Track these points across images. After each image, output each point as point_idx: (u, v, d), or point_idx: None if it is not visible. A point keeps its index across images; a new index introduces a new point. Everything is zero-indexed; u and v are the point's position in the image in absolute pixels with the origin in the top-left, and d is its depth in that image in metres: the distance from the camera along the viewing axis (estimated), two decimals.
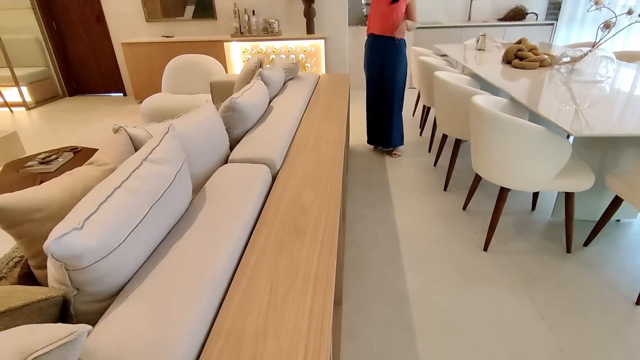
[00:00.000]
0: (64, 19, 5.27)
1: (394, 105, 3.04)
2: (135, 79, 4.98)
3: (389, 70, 2.92)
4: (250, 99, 1.74)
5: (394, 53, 2.87)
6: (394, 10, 2.75)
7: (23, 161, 2.80)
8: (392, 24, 2.78)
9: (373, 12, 2.87)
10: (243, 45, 4.86)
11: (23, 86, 5.01)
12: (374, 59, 2.96)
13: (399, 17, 2.77)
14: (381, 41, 2.88)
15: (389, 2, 2.74)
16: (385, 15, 2.78)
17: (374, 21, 2.87)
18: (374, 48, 2.94)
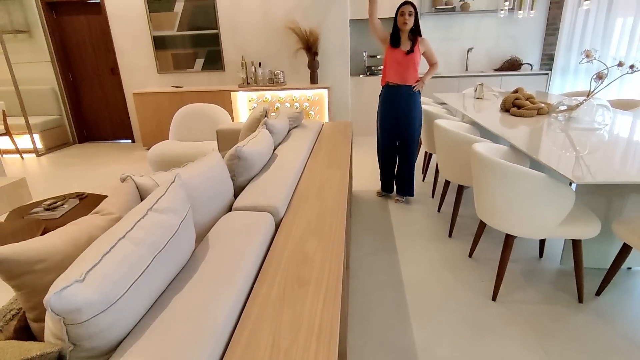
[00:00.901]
0: (80, 71, 5.55)
1: (412, 153, 3.04)
2: (145, 126, 5.15)
3: (406, 119, 2.94)
4: (255, 147, 1.79)
5: (411, 102, 2.90)
6: (410, 60, 2.79)
7: (29, 207, 2.82)
8: (407, 73, 2.82)
9: (388, 63, 2.89)
10: (249, 94, 5.06)
11: (35, 134, 5.17)
12: (390, 109, 2.97)
13: (415, 67, 2.83)
14: (397, 91, 2.90)
15: (404, 53, 2.79)
16: (401, 65, 2.82)
17: (390, 71, 2.89)
18: (389, 98, 2.95)
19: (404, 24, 2.72)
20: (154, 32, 5.15)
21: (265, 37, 5.01)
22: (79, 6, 5.22)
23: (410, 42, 2.80)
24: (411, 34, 2.79)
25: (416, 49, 2.79)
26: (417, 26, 2.77)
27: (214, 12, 4.98)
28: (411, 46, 2.78)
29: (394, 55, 2.83)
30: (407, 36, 2.80)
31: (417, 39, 2.79)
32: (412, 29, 2.77)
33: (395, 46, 2.81)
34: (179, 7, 5.02)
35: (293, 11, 4.86)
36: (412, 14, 2.71)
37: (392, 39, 2.84)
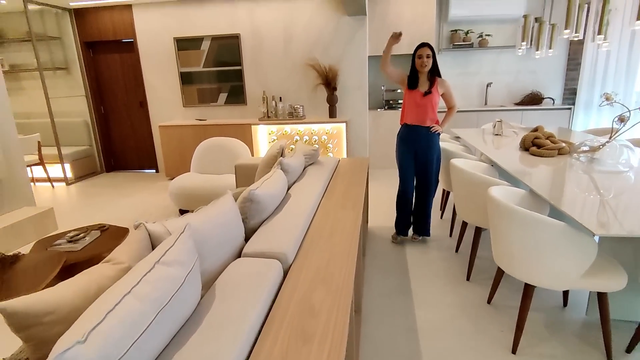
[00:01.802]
0: (111, 104, 5.86)
1: (429, 193, 2.99)
2: (168, 157, 5.32)
3: (425, 159, 2.90)
4: (268, 189, 1.81)
5: (430, 142, 2.87)
6: (428, 102, 2.78)
7: (53, 239, 2.92)
8: (426, 115, 2.80)
9: (407, 103, 2.88)
10: (269, 127, 5.18)
11: (66, 163, 5.43)
12: (408, 150, 2.92)
13: (434, 108, 2.81)
14: (416, 131, 2.87)
15: (422, 94, 2.78)
16: (419, 106, 2.81)
17: (408, 112, 2.88)
18: (408, 138, 2.91)
19: (422, 66, 2.73)
20: (182, 69, 5.41)
21: (286, 72, 5.18)
22: (114, 45, 5.58)
23: (428, 82, 2.79)
24: (430, 74, 2.79)
25: (434, 90, 2.78)
26: (435, 67, 2.78)
27: (238, 50, 5.21)
28: (429, 87, 2.78)
29: (412, 96, 2.83)
30: (425, 77, 2.80)
31: (435, 79, 2.79)
32: (431, 70, 2.77)
33: (413, 88, 2.81)
34: (206, 45, 5.28)
35: (313, 49, 5.03)
36: (429, 56, 2.71)
37: (410, 81, 2.83)
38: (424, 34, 4.94)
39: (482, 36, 5.16)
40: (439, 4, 5.19)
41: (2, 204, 3.48)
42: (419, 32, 4.95)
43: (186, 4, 5.14)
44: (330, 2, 4.84)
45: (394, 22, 4.96)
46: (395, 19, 4.95)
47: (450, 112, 2.94)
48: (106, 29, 5.43)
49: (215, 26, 5.16)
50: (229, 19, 5.11)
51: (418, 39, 4.95)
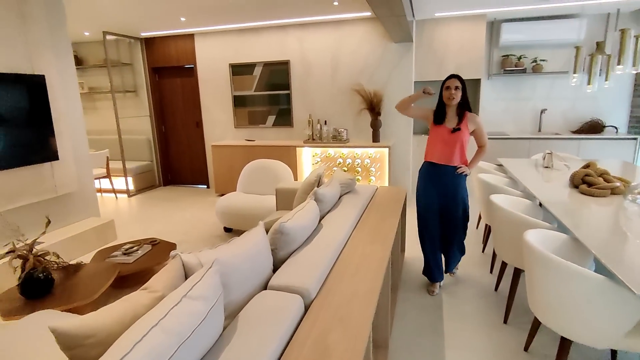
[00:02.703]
0: (171, 124, 6.36)
1: (455, 239, 2.73)
2: (218, 175, 5.64)
3: (450, 203, 2.64)
4: (299, 221, 1.89)
5: (456, 184, 2.61)
6: (457, 139, 2.53)
7: (111, 250, 3.22)
8: (453, 154, 2.57)
9: (432, 140, 2.64)
10: (314, 150, 5.32)
11: (129, 176, 5.95)
12: (431, 189, 2.68)
13: (463, 146, 2.57)
14: (440, 170, 2.62)
15: (450, 131, 2.54)
16: (447, 145, 2.56)
17: (434, 149, 2.63)
18: (431, 177, 2.67)
19: (450, 99, 2.50)
20: (235, 92, 5.76)
21: (332, 97, 5.32)
22: (177, 70, 6.09)
23: (457, 118, 2.56)
24: (459, 108, 2.56)
25: (464, 127, 2.53)
26: (465, 101, 2.54)
27: (288, 75, 5.45)
28: (458, 122, 2.54)
29: (438, 132, 2.59)
30: (453, 112, 2.57)
31: (465, 114, 2.55)
32: (460, 104, 2.55)
33: (440, 122, 2.58)
34: (258, 71, 5.59)
35: (359, 74, 5.13)
36: (459, 88, 2.49)
37: (436, 115, 2.60)
38: (472, 59, 4.86)
39: (537, 61, 4.95)
40: (489, 29, 5.09)
41: (72, 214, 3.90)
42: (467, 58, 4.87)
43: (242, 33, 5.50)
44: (377, 30, 4.93)
45: (440, 47, 4.93)
46: (441, 44, 4.92)
47: (480, 151, 2.69)
48: (171, 56, 5.95)
49: (268, 53, 5.46)
50: (280, 47, 5.38)
51: (466, 64, 4.88)
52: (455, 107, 2.56)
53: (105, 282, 2.60)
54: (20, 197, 3.32)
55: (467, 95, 2.58)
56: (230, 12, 4.47)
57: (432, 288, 2.80)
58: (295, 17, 4.94)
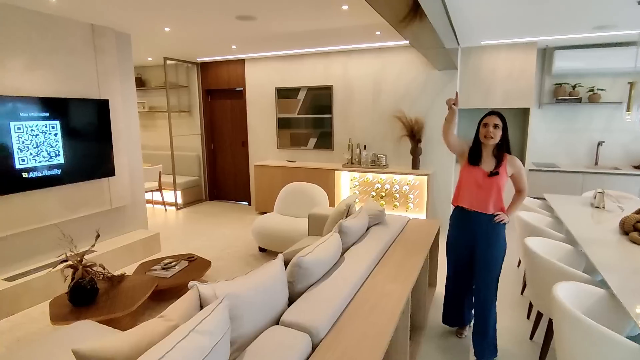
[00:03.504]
0: (220, 142, 6.72)
1: (488, 296, 2.35)
2: (259, 193, 5.85)
3: (485, 256, 2.32)
4: (318, 255, 1.93)
5: (493, 235, 2.30)
6: (493, 184, 2.26)
7: (152, 263, 3.44)
8: (489, 200, 2.28)
9: (465, 182, 2.36)
10: (352, 174, 5.35)
11: (178, 191, 6.34)
12: (462, 238, 2.42)
13: (500, 192, 2.28)
14: (474, 218, 2.34)
15: (486, 174, 2.27)
16: (482, 189, 2.28)
17: (467, 193, 2.35)
18: (463, 225, 2.41)
19: (487, 138, 2.25)
20: (279, 115, 5.99)
21: (373, 122, 5.35)
22: (227, 93, 6.47)
23: (494, 160, 2.29)
24: (497, 150, 2.30)
25: (502, 170, 2.26)
26: (504, 141, 2.29)
27: (330, 99, 5.58)
28: (496, 165, 2.27)
29: (472, 174, 2.31)
30: (490, 152, 2.31)
31: (504, 157, 2.29)
32: (499, 145, 2.29)
33: (475, 164, 2.32)
34: (302, 95, 5.78)
35: (400, 101, 5.13)
36: (498, 127, 2.24)
37: (471, 155, 2.34)
38: (521, 88, 4.67)
39: (594, 91, 4.66)
40: (541, 56, 4.88)
41: (123, 225, 4.23)
42: (516, 86, 4.69)
43: (288, 59, 5.75)
44: (419, 57, 4.92)
45: (487, 75, 4.81)
46: (488, 72, 4.79)
47: (519, 196, 2.41)
48: (223, 79, 6.34)
49: (312, 78, 5.64)
50: (324, 72, 5.54)
51: (514, 92, 4.70)
52: (493, 147, 2.30)
53: (143, 296, 2.79)
54: (81, 209, 3.68)
55: (508, 135, 2.30)
56: (277, 41, 4.71)
57: (460, 330, 2.68)
58: (340, 45, 5.08)
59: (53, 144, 3.39)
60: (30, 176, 3.23)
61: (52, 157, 3.38)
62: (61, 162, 3.45)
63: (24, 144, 3.17)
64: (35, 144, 3.25)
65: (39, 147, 3.28)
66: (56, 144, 3.41)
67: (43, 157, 3.32)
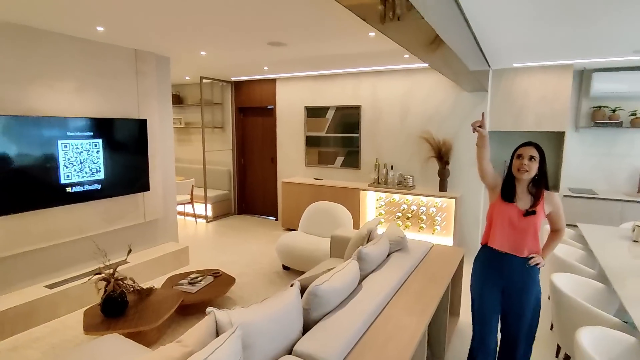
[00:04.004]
0: (249, 158, 6.92)
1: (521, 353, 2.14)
2: (286, 209, 5.94)
3: (518, 303, 2.09)
4: (334, 284, 1.96)
5: (527, 280, 2.06)
6: (530, 224, 2.02)
7: (180, 277, 3.57)
8: (524, 241, 2.04)
9: (498, 220, 2.10)
10: (378, 194, 5.34)
11: (209, 204, 6.56)
12: (490, 286, 2.14)
13: (536, 233, 2.04)
14: (506, 261, 2.09)
15: (521, 212, 2.03)
16: (516, 230, 2.05)
17: (497, 233, 2.10)
18: (494, 269, 2.13)
19: (521, 171, 2.03)
20: (308, 133, 6.10)
21: (400, 143, 5.34)
22: (259, 110, 6.67)
23: (530, 197, 2.06)
24: (534, 185, 2.07)
25: (540, 209, 2.02)
26: (542, 176, 2.06)
27: (358, 119, 5.63)
28: (533, 203, 2.04)
29: (505, 212, 2.07)
30: (525, 188, 2.08)
31: (541, 193, 2.05)
32: (535, 180, 2.07)
33: (509, 200, 2.08)
34: (330, 114, 5.87)
35: (428, 122, 5.10)
36: (535, 159, 2.02)
37: (504, 190, 2.11)
38: (555, 111, 4.53)
39: (636, 114, 4.43)
40: (578, 78, 4.72)
41: (154, 238, 4.43)
42: (550, 108, 4.55)
43: (318, 79, 5.87)
44: (448, 79, 4.88)
45: (519, 97, 4.69)
46: (521, 94, 4.68)
47: (555, 236, 2.18)
48: (255, 97, 6.56)
49: (340, 98, 5.72)
50: (352, 92, 5.61)
51: (548, 115, 4.56)
52: (528, 182, 2.07)
53: (169, 310, 2.91)
54: (117, 222, 3.90)
55: (546, 169, 2.07)
56: (307, 63, 4.84)
57: None
58: (368, 67, 5.14)
59: (95, 161, 3.63)
60: (73, 190, 3.47)
61: (93, 173, 3.63)
62: (101, 178, 3.69)
63: (69, 161, 3.42)
64: (79, 161, 3.50)
65: (82, 163, 3.53)
66: (98, 160, 3.65)
67: (85, 173, 3.56)
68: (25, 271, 3.27)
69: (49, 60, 3.24)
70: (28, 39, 3.09)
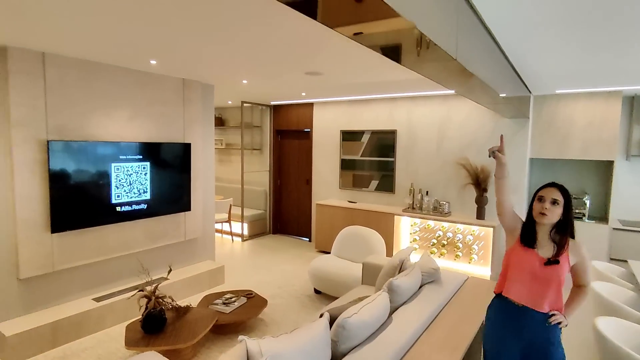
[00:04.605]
0: (285, 179, 7.09)
1: None
2: (319, 231, 6.00)
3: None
4: (363, 316, 1.97)
5: (548, 338, 1.83)
6: (552, 275, 1.80)
7: (215, 296, 3.69)
8: (544, 294, 1.82)
9: (515, 267, 1.89)
10: (413, 219, 5.27)
11: (245, 223, 6.75)
12: (506, 342, 1.90)
13: (559, 285, 1.81)
14: (522, 315, 1.85)
15: (543, 261, 1.81)
16: (537, 279, 1.83)
17: (516, 282, 1.88)
18: (507, 324, 1.90)
19: (541, 216, 1.81)
20: (343, 156, 6.18)
21: (436, 168, 5.28)
22: (296, 133, 6.87)
23: (553, 244, 1.83)
24: (557, 232, 1.84)
25: (564, 259, 1.81)
26: (567, 222, 1.83)
27: (393, 144, 5.64)
28: (556, 252, 1.82)
29: (524, 259, 1.86)
30: (547, 234, 1.86)
31: (565, 241, 1.83)
32: (559, 225, 1.84)
33: (529, 245, 1.86)
34: (366, 138, 5.93)
35: (466, 149, 5.01)
36: (558, 203, 1.80)
37: (524, 234, 1.90)
38: (603, 138, 4.31)
39: None
40: (627, 104, 4.49)
41: (193, 256, 4.63)
42: (597, 136, 4.34)
43: (354, 103, 5.98)
44: None
45: (563, 124, 4.53)
46: (565, 121, 4.52)
47: (579, 293, 1.92)
48: (292, 120, 6.76)
49: (376, 122, 5.78)
50: (388, 117, 5.65)
51: (595, 143, 4.35)
52: (551, 228, 1.85)
53: (205, 329, 3.02)
54: (159, 240, 4.12)
55: (572, 215, 1.86)
56: (343, 89, 4.96)
57: None
58: (404, 92, 5.18)
59: (143, 182, 3.89)
60: (123, 210, 3.73)
61: (140, 194, 3.88)
62: (148, 198, 3.94)
63: (120, 182, 3.70)
64: (128, 182, 3.77)
65: (131, 184, 3.79)
66: (145, 182, 3.91)
67: (134, 194, 3.82)
68: (77, 284, 3.53)
69: (108, 90, 3.56)
70: (91, 72, 3.42)
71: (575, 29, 2.23)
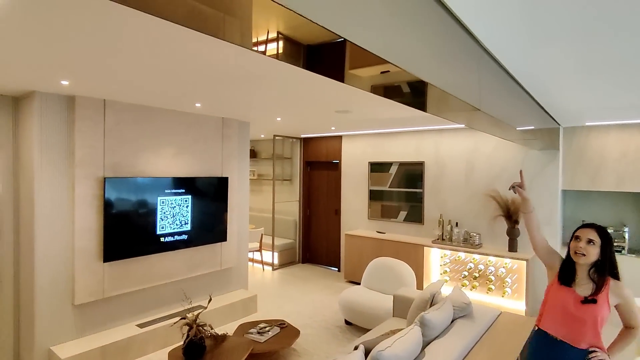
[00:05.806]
0: (315, 209, 7.26)
1: None
2: (349, 262, 6.07)
3: None
4: (396, 350, 2.05)
5: None
6: (589, 314, 1.80)
7: (250, 325, 3.82)
8: (581, 331, 1.83)
9: (553, 303, 1.94)
10: (443, 251, 5.27)
11: (276, 252, 6.92)
12: None
13: (596, 325, 1.81)
14: (559, 351, 1.88)
15: (579, 299, 1.83)
16: (571, 317, 1.85)
17: (553, 316, 1.93)
18: (545, 354, 1.94)
19: (577, 255, 1.85)
20: (371, 187, 6.31)
21: (465, 200, 5.30)
22: (325, 165, 7.09)
23: (591, 283, 1.85)
24: (596, 272, 1.86)
25: (602, 299, 1.80)
26: (607, 262, 1.84)
27: (422, 175, 5.73)
28: (594, 291, 1.83)
29: (560, 296, 1.90)
30: (586, 273, 1.87)
31: (604, 282, 1.83)
32: (598, 264, 1.85)
33: (565, 283, 1.91)
34: (394, 169, 6.06)
35: (495, 180, 5.04)
36: (594, 243, 1.83)
37: (562, 271, 1.95)
38: (638, 170, 4.25)
39: None
40: None
41: (228, 285, 4.81)
42: (632, 168, 4.28)
43: (382, 136, 6.16)
44: None
45: (595, 155, 4.50)
46: (597, 152, 4.49)
47: (628, 334, 1.89)
48: (321, 152, 7.01)
49: (404, 154, 5.91)
50: (415, 149, 5.78)
51: (630, 175, 4.28)
52: (589, 267, 1.87)
53: (241, 358, 3.14)
54: (198, 269, 4.34)
55: (613, 254, 1.86)
56: (371, 123, 5.16)
57: None
58: (431, 126, 5.32)
59: (184, 214, 4.17)
60: (166, 240, 4.00)
61: (182, 225, 4.15)
62: (188, 229, 4.20)
63: (164, 214, 3.98)
64: (172, 214, 4.05)
65: (174, 216, 4.07)
66: (187, 214, 4.19)
67: (176, 225, 4.09)
68: (123, 310, 3.77)
69: (156, 130, 3.91)
70: (143, 114, 3.79)
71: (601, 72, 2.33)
